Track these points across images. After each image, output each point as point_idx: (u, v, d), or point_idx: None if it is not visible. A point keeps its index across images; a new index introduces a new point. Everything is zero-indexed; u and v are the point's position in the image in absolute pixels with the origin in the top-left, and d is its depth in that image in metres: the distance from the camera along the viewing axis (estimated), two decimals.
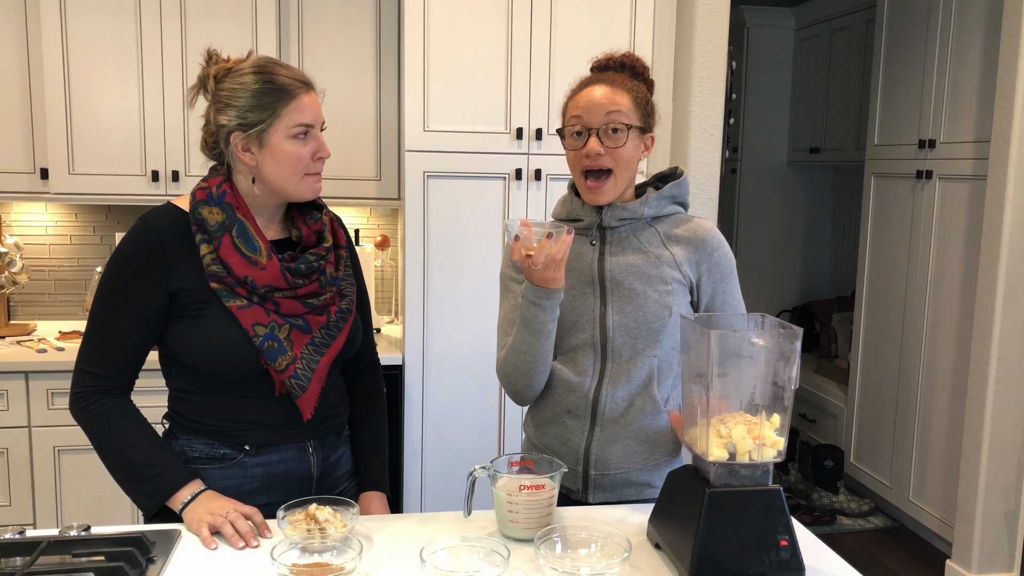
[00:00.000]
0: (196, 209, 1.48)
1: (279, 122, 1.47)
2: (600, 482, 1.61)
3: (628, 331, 1.56)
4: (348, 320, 1.60)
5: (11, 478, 2.71)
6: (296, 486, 1.56)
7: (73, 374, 1.49)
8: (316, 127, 1.51)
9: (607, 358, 1.58)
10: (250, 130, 1.47)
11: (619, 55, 1.63)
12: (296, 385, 1.49)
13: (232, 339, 1.46)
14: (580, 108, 1.56)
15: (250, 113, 1.47)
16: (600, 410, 1.59)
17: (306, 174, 1.50)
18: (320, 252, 1.55)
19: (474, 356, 2.80)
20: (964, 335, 3.32)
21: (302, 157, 1.49)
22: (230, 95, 1.48)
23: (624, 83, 1.57)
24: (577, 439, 1.61)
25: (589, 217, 1.62)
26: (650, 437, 1.60)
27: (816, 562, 1.36)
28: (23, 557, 1.27)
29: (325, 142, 1.53)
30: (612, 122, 1.53)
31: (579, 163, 1.56)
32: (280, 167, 1.48)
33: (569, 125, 1.57)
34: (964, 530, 3.16)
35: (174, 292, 1.47)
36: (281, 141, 1.47)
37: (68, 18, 2.76)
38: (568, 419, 1.61)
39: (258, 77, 1.47)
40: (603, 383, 1.58)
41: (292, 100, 1.47)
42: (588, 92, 1.56)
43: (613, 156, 1.54)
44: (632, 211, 1.59)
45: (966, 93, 3.34)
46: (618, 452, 1.59)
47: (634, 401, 1.58)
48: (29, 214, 3.20)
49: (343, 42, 2.99)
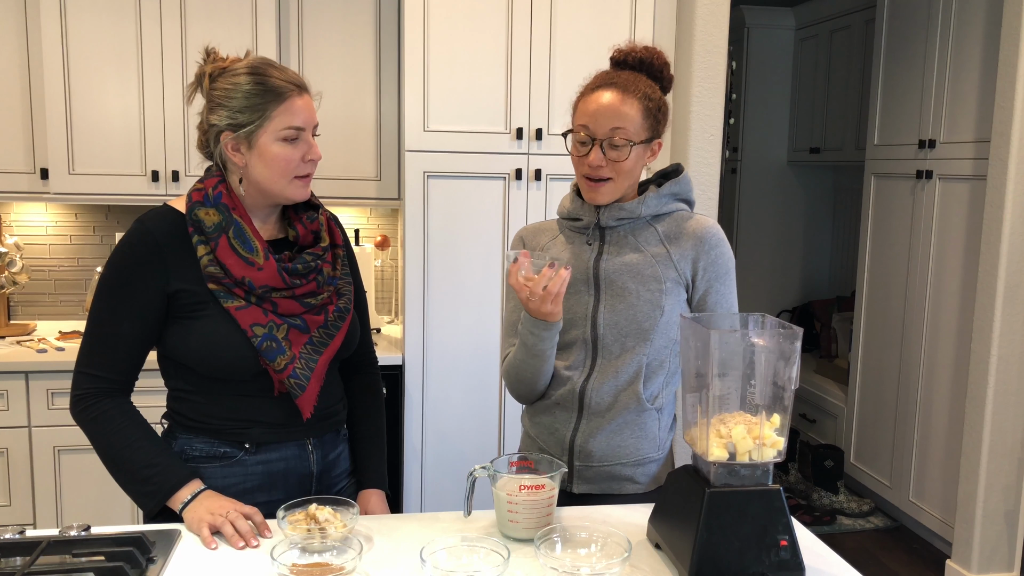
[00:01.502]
0: (192, 210, 1.48)
1: (268, 124, 1.46)
2: (584, 473, 1.64)
3: (618, 329, 1.59)
4: (346, 319, 1.60)
5: (11, 478, 2.71)
6: (296, 484, 1.57)
7: (73, 376, 1.50)
8: (307, 130, 1.50)
9: (597, 354, 1.61)
10: (239, 131, 1.47)
11: (640, 49, 1.60)
12: (295, 385, 1.49)
13: (230, 340, 1.46)
14: (588, 116, 1.55)
15: (240, 114, 1.46)
16: (587, 403, 1.62)
17: (295, 176, 1.50)
18: (317, 252, 1.55)
19: (474, 356, 2.80)
20: (964, 335, 3.31)
21: (291, 160, 1.48)
22: (222, 95, 1.48)
23: (637, 88, 1.55)
24: (564, 429, 1.64)
25: (588, 216, 1.63)
26: (633, 433, 1.61)
27: (816, 562, 1.37)
28: (23, 557, 1.27)
29: (315, 145, 1.52)
30: (616, 137, 1.53)
31: (581, 168, 1.59)
32: (268, 169, 1.48)
33: (575, 131, 1.58)
34: (964, 530, 3.16)
35: (172, 293, 1.47)
36: (270, 143, 1.47)
37: (68, 18, 2.75)
38: (557, 410, 1.65)
39: (250, 78, 1.47)
40: (591, 377, 1.61)
41: (283, 102, 1.46)
42: (597, 97, 1.55)
43: (614, 168, 1.55)
44: (629, 211, 1.61)
45: (966, 93, 3.34)
46: (601, 444, 1.62)
47: (619, 396, 1.61)
48: (29, 214, 3.20)
49: (343, 42, 2.99)
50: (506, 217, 2.76)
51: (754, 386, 1.28)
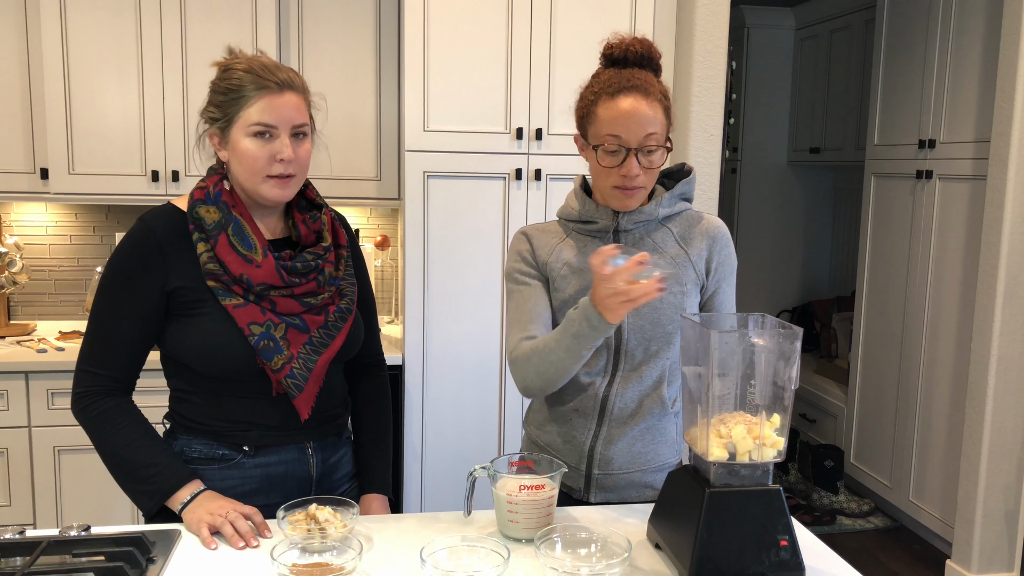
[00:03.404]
0: (194, 208, 1.48)
1: (239, 119, 1.45)
2: (603, 482, 1.61)
3: (643, 333, 1.56)
4: (348, 320, 1.58)
5: (11, 478, 2.71)
6: (295, 487, 1.56)
7: (74, 374, 1.50)
8: (280, 128, 1.46)
9: (620, 359, 1.58)
10: (215, 125, 1.48)
11: (636, 45, 1.54)
12: (292, 385, 1.48)
13: (228, 338, 1.46)
14: (618, 126, 1.48)
15: (218, 108, 1.47)
16: (609, 409, 1.59)
17: (268, 176, 1.47)
18: (318, 251, 1.54)
19: (474, 356, 2.80)
20: (964, 335, 3.31)
21: (257, 157, 1.45)
22: (213, 90, 1.49)
23: (654, 89, 1.51)
24: (582, 437, 1.60)
25: (604, 220, 1.59)
26: (654, 438, 1.60)
27: (816, 562, 1.36)
28: (23, 557, 1.27)
29: (289, 146, 1.45)
30: (649, 144, 1.49)
31: (611, 178, 1.52)
32: (240, 165, 1.47)
33: (605, 143, 1.50)
34: (964, 530, 3.16)
35: (171, 291, 1.47)
36: (240, 138, 1.46)
37: (68, 18, 2.75)
38: (575, 417, 1.61)
39: (235, 73, 1.46)
40: (614, 383, 1.58)
41: (258, 98, 1.44)
42: (623, 104, 1.49)
43: (647, 174, 1.52)
44: (648, 214, 1.58)
45: (966, 93, 3.34)
46: (622, 451, 1.59)
47: (643, 402, 1.58)
48: (29, 214, 3.20)
49: (343, 42, 2.99)
50: (506, 217, 2.76)
51: (754, 386, 1.28)
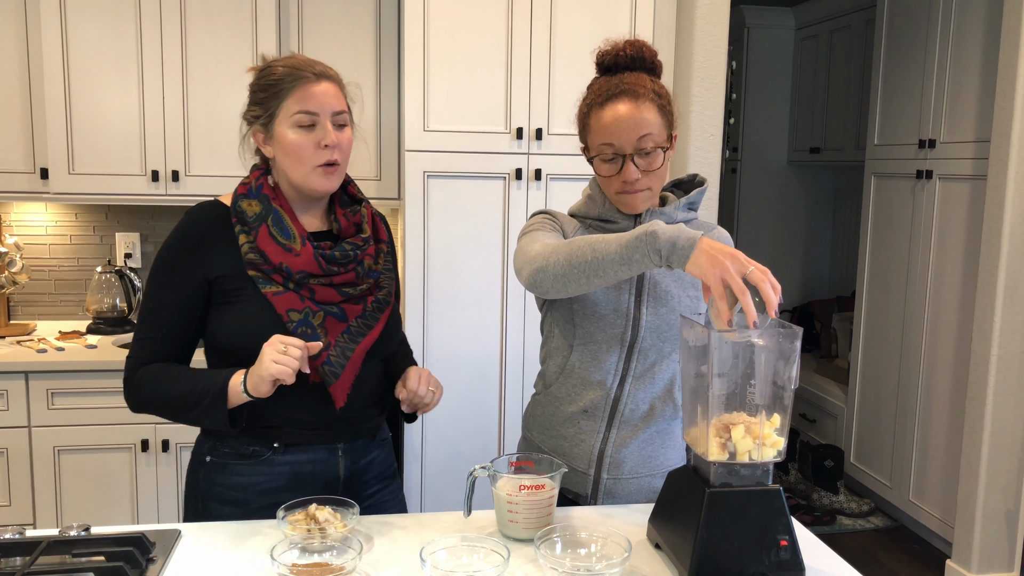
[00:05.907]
0: (236, 202, 1.53)
1: (281, 111, 1.49)
2: (611, 488, 1.59)
3: (659, 333, 1.56)
4: (385, 311, 1.59)
5: (11, 478, 2.71)
6: (322, 488, 1.56)
7: (125, 365, 1.53)
8: (322, 115, 1.49)
9: (632, 357, 1.57)
10: (257, 122, 1.52)
11: (627, 49, 1.55)
12: (329, 372, 1.49)
13: (267, 324, 1.47)
14: (610, 134, 1.50)
15: (259, 106, 1.52)
16: (619, 410, 1.58)
17: (316, 165, 1.50)
18: (357, 242, 1.56)
19: (474, 356, 2.79)
20: (964, 335, 3.31)
21: (304, 146, 1.49)
22: (253, 90, 1.54)
23: (646, 91, 1.51)
24: (591, 440, 1.59)
25: (624, 221, 1.59)
26: (664, 442, 1.59)
27: (816, 562, 1.36)
28: (23, 557, 1.27)
29: (332, 131, 1.50)
30: (644, 146, 1.50)
31: (613, 185, 1.54)
32: (287, 158, 1.51)
33: (600, 153, 1.53)
34: (964, 530, 3.16)
35: (213, 279, 1.50)
36: (285, 131, 1.49)
37: (68, 18, 2.75)
38: (583, 419, 1.59)
39: (272, 71, 1.51)
40: (626, 382, 1.57)
41: (296, 88, 1.48)
42: (613, 111, 1.50)
43: (649, 176, 1.52)
44: (668, 216, 1.57)
45: (966, 93, 3.34)
46: (633, 454, 1.58)
47: (655, 404, 1.58)
48: (29, 214, 3.20)
49: (343, 43, 2.98)
50: (506, 217, 2.76)
51: (754, 386, 1.28)
